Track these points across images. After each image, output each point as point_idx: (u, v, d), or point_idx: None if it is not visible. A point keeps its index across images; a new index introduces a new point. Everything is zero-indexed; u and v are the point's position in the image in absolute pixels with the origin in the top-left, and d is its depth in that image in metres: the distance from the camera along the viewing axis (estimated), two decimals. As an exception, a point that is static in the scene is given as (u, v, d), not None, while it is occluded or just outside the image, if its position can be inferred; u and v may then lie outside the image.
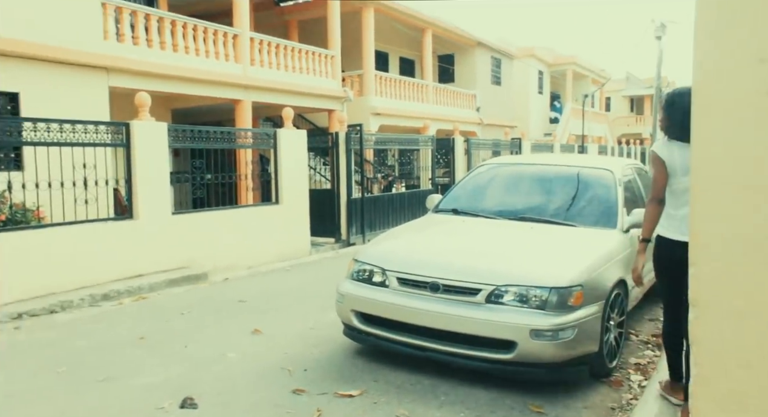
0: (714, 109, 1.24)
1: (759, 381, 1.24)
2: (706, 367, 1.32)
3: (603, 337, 3.73)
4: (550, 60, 28.54)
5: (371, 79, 15.62)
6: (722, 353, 1.28)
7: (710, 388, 1.31)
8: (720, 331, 1.27)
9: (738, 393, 1.28)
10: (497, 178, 5.39)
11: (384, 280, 4.03)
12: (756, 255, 1.20)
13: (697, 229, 1.27)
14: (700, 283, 1.27)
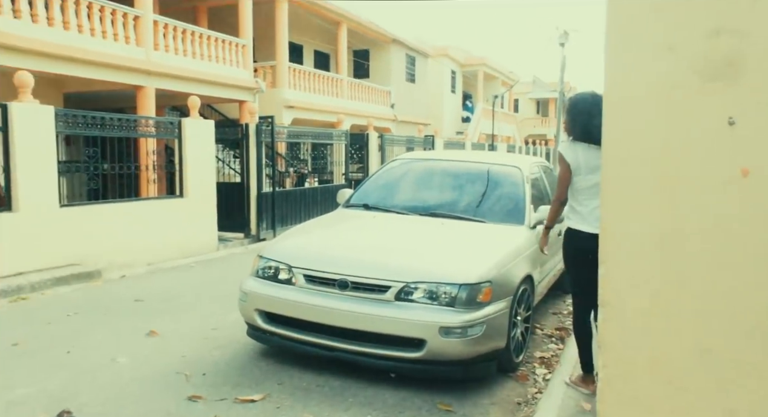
0: (624, 106, 1.17)
1: (665, 384, 1.19)
2: (612, 369, 1.26)
3: (510, 333, 3.76)
4: (462, 60, 29.23)
5: (285, 71, 15.22)
6: (629, 355, 1.22)
7: (616, 390, 1.26)
8: (628, 333, 1.21)
9: (644, 396, 1.22)
10: (409, 174, 5.33)
11: (290, 277, 3.85)
12: (665, 255, 1.14)
13: (607, 228, 1.21)
14: (610, 283, 1.20)
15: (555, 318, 5.29)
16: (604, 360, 1.27)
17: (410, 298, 3.53)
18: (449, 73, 28.22)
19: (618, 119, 1.17)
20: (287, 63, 15.35)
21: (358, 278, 3.63)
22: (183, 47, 11.60)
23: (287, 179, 12.77)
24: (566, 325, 5.04)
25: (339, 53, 18.55)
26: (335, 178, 12.74)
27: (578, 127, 3.32)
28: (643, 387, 1.22)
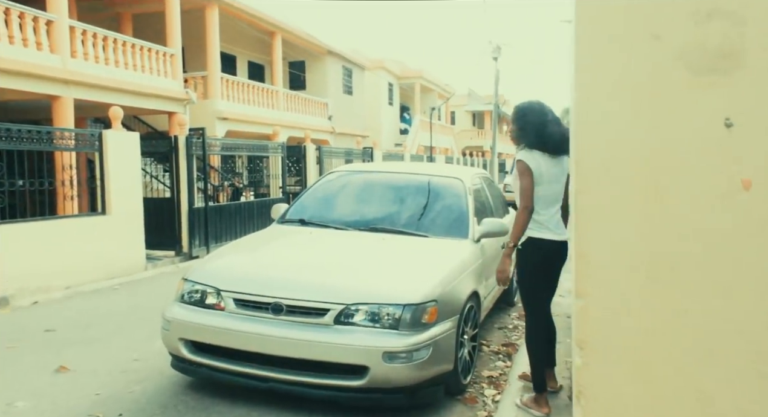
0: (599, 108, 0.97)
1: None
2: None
3: (458, 354, 3.56)
4: (398, 73, 29.41)
5: (217, 82, 14.69)
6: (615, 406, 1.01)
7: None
8: (612, 380, 1.00)
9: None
10: (348, 187, 5.08)
11: (219, 301, 3.50)
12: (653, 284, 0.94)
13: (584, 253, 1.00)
14: (588, 321, 0.99)
15: (501, 333, 5.15)
16: (585, 411, 1.06)
17: (351, 321, 3.27)
18: (386, 85, 28.30)
19: (592, 124, 0.97)
20: (219, 73, 14.83)
21: (293, 301, 3.33)
22: (105, 55, 10.93)
23: (221, 193, 12.24)
24: (512, 340, 4.91)
25: (274, 64, 18.16)
26: (272, 192, 12.33)
27: (531, 135, 3.27)
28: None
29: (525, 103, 3.40)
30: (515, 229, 3.27)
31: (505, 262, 3.34)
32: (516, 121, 3.35)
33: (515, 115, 3.37)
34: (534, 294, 3.39)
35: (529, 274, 3.36)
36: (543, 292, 3.40)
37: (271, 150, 11.89)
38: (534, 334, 3.40)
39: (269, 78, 19.42)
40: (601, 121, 0.95)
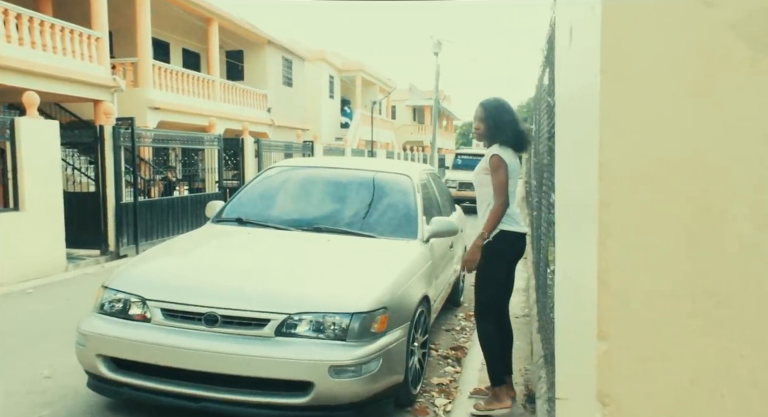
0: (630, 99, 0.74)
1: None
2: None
3: (408, 363, 3.34)
4: (340, 65, 29.01)
5: (148, 69, 13.86)
6: None
7: None
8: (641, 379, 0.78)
9: None
10: (289, 183, 4.76)
11: (144, 312, 3.13)
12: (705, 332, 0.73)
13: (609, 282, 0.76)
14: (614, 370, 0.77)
15: (449, 335, 4.99)
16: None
17: (293, 332, 2.98)
18: (327, 77, 27.85)
19: (621, 120, 0.74)
20: (151, 60, 14.01)
21: (229, 311, 3.01)
22: (19, 35, 10.02)
23: (153, 188, 11.56)
24: (461, 343, 4.75)
25: (210, 53, 17.39)
26: (208, 186, 11.75)
27: (509, 133, 3.27)
28: None
29: (496, 101, 3.37)
30: (491, 222, 3.20)
31: (475, 252, 3.23)
32: (488, 118, 3.29)
33: (487, 112, 3.31)
34: (498, 291, 3.34)
35: (499, 268, 3.29)
36: (504, 291, 3.39)
37: (207, 142, 11.33)
38: (493, 338, 3.32)
39: (205, 67, 18.60)
40: (634, 116, 0.73)
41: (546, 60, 4.12)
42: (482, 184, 3.31)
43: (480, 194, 3.35)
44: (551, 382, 3.02)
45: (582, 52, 0.91)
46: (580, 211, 0.90)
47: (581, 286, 0.88)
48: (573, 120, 1.00)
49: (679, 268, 0.74)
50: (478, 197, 3.39)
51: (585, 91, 0.86)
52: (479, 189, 3.35)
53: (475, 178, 3.37)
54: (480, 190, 3.35)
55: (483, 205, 3.33)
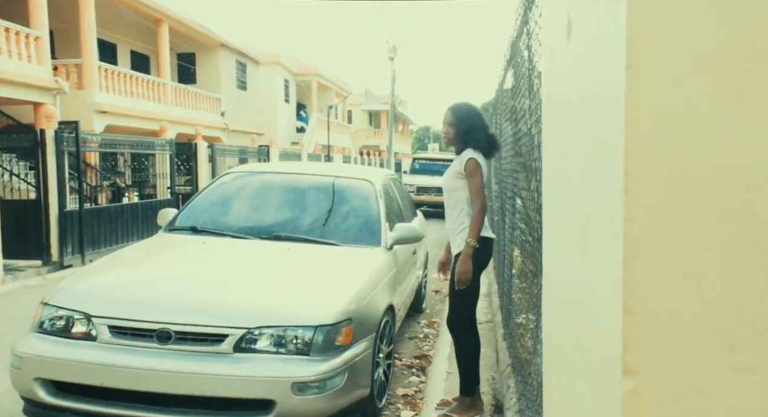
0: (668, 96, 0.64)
1: None
2: None
3: (374, 376, 3.21)
4: (295, 69, 28.69)
5: (94, 71, 13.29)
6: None
7: None
8: None
9: None
10: (246, 189, 4.57)
11: (89, 330, 2.89)
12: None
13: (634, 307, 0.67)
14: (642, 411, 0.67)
15: (412, 343, 4.89)
16: None
17: (253, 347, 2.81)
18: (282, 81, 27.49)
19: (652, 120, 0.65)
20: (97, 62, 13.45)
21: (184, 327, 2.82)
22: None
23: (100, 194, 11.06)
24: (425, 351, 4.65)
25: (161, 55, 16.85)
26: (160, 192, 11.32)
27: (482, 138, 3.24)
28: None
29: (465, 106, 3.32)
30: (476, 229, 3.12)
31: (468, 263, 3.12)
32: (458, 123, 3.23)
33: (456, 117, 3.25)
34: (475, 299, 3.29)
35: (477, 276, 3.22)
36: (476, 289, 3.33)
37: (158, 147, 10.92)
38: (474, 348, 3.30)
39: (155, 70, 18.01)
40: (667, 116, 0.63)
41: (508, 63, 4.09)
42: (455, 189, 3.24)
43: (451, 199, 3.28)
44: (521, 392, 2.95)
45: (588, 47, 0.81)
46: (594, 226, 0.80)
47: (597, 313, 0.78)
48: (576, 123, 0.90)
49: (718, 293, 0.64)
50: (448, 201, 3.31)
51: (597, 90, 0.76)
52: (451, 193, 3.28)
53: (447, 182, 3.30)
54: (451, 195, 3.27)
55: (455, 210, 3.25)
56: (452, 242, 3.33)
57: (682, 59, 0.63)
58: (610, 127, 0.70)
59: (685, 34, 0.63)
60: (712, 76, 0.63)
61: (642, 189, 0.65)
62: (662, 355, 0.66)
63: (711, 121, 0.63)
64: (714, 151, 0.63)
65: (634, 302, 0.66)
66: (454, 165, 3.26)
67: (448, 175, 3.29)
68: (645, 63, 0.63)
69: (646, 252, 0.66)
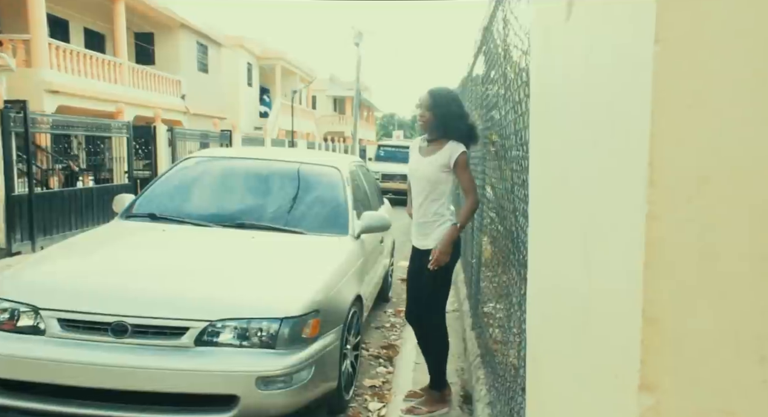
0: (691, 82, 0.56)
1: None
2: None
3: (341, 368, 3.13)
4: (259, 52, 28.07)
5: (43, 47, 12.65)
6: None
7: None
8: None
9: None
10: (208, 175, 4.40)
11: (37, 323, 2.72)
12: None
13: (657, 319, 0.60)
14: None
15: (379, 333, 4.82)
16: None
17: (216, 341, 2.69)
18: (245, 65, 26.87)
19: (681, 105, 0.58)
20: (47, 38, 12.81)
21: (141, 319, 2.68)
22: None
23: (52, 178, 10.58)
24: (392, 341, 4.60)
25: (117, 34, 16.20)
26: (116, 177, 10.91)
27: (462, 128, 3.07)
28: None
29: (447, 90, 3.17)
30: (467, 217, 3.11)
31: (450, 246, 3.01)
32: (436, 107, 3.03)
33: (436, 101, 3.04)
34: (448, 283, 3.21)
35: (450, 266, 3.13)
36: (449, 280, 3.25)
37: (115, 130, 10.51)
38: (447, 342, 3.26)
39: (111, 49, 17.31)
40: (702, 99, 0.55)
41: (479, 49, 4.02)
42: (439, 182, 3.03)
43: (434, 191, 3.06)
44: (490, 384, 2.92)
45: (598, 23, 0.73)
46: (601, 225, 0.72)
47: (607, 321, 0.70)
48: (578, 108, 0.82)
49: (748, 300, 0.57)
50: (429, 194, 3.07)
51: (611, 72, 0.68)
52: (434, 186, 3.04)
53: (432, 175, 3.03)
54: (435, 187, 3.05)
55: (435, 203, 3.07)
56: (427, 236, 3.09)
57: (722, 33, 0.55)
58: (629, 111, 0.62)
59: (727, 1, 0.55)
60: (756, 53, 0.55)
61: (670, 183, 0.57)
62: (686, 369, 0.59)
63: (754, 106, 0.55)
64: (755, 141, 0.56)
65: (656, 310, 0.59)
66: (440, 158, 3.02)
67: (431, 167, 3.03)
68: (678, 37, 0.55)
69: (671, 253, 0.58)
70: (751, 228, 0.57)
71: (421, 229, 3.13)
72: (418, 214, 3.14)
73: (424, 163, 3.08)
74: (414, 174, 3.15)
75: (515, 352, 2.13)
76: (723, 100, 0.56)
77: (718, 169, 0.57)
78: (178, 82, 19.33)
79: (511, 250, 2.31)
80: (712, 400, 0.59)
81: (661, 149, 0.57)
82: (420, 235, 3.14)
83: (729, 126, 0.56)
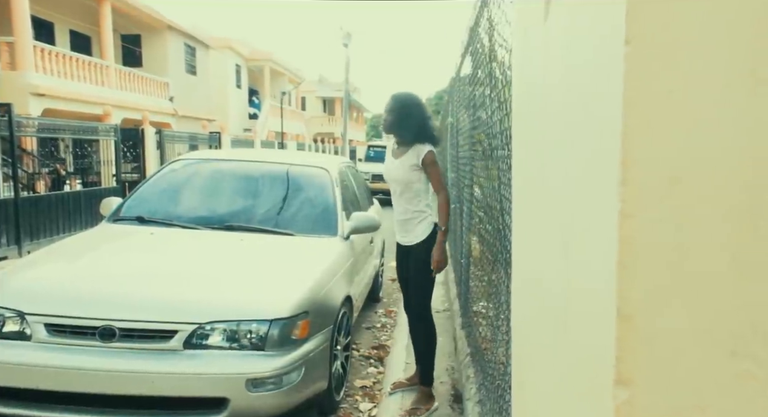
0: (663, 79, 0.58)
1: None
2: None
3: (331, 369, 3.13)
4: (247, 54, 27.98)
5: (28, 50, 12.53)
6: None
7: None
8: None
9: None
10: (196, 177, 4.38)
11: (23, 328, 2.69)
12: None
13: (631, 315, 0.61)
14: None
15: (369, 334, 4.83)
16: None
17: (205, 343, 2.68)
18: (234, 66, 26.78)
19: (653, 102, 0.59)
20: (32, 40, 12.70)
21: (129, 323, 2.66)
22: None
23: (39, 182, 10.50)
24: (383, 341, 4.60)
25: (103, 36, 16.09)
26: (104, 180, 10.83)
27: (429, 129, 3.17)
28: None
29: (408, 95, 3.24)
30: (446, 216, 3.15)
31: (443, 250, 3.13)
32: (396, 111, 3.15)
33: (397, 105, 3.17)
34: (432, 281, 3.24)
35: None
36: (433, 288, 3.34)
37: (102, 133, 10.43)
38: (435, 338, 3.32)
39: (97, 52, 17.18)
40: (672, 98, 0.56)
41: (466, 49, 4.04)
42: (411, 181, 3.15)
43: (408, 191, 3.18)
44: (480, 382, 2.93)
45: (574, 23, 0.74)
46: (580, 223, 0.73)
47: (585, 317, 0.71)
48: (555, 107, 0.83)
49: (720, 296, 0.59)
50: (403, 194, 3.19)
51: (586, 71, 0.69)
52: (407, 186, 3.16)
53: (403, 175, 3.15)
54: (408, 187, 3.17)
55: (414, 201, 3.18)
56: (410, 232, 3.21)
57: (692, 34, 0.56)
58: (603, 111, 0.63)
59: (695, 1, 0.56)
60: (725, 52, 0.56)
61: (642, 181, 0.58)
62: (659, 364, 0.60)
63: (725, 105, 0.56)
64: (723, 142, 0.57)
65: (630, 306, 0.60)
66: (408, 158, 3.14)
67: (402, 169, 3.15)
68: (648, 37, 0.56)
69: (644, 251, 0.59)
70: (721, 226, 0.58)
71: (403, 226, 3.25)
72: (398, 212, 3.26)
73: (396, 164, 3.20)
74: (389, 175, 3.26)
75: (503, 350, 2.14)
76: (693, 100, 0.57)
77: (689, 169, 0.58)
78: (166, 84, 19.23)
79: (498, 249, 2.33)
80: (684, 394, 0.60)
81: (632, 149, 0.58)
82: (402, 232, 3.27)
83: (699, 126, 0.57)
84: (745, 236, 0.57)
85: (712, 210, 0.57)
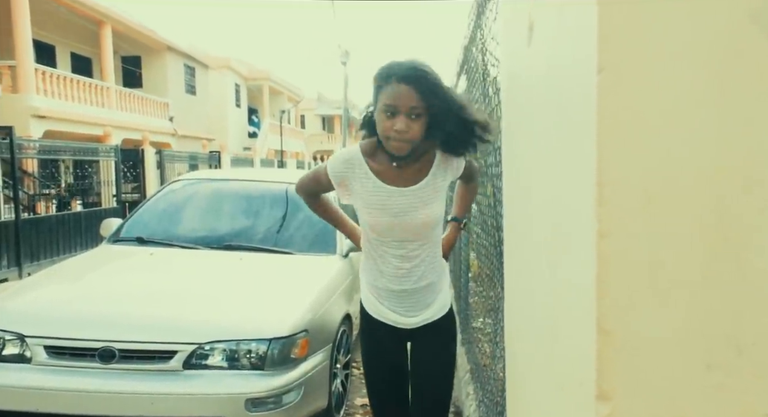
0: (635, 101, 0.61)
1: None
2: None
3: (331, 388, 3.13)
4: (245, 73, 28.23)
5: (29, 73, 12.66)
6: None
7: None
8: None
9: None
10: (196, 197, 4.41)
11: (23, 351, 2.70)
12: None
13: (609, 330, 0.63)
14: None
15: (370, 351, 4.80)
16: None
17: (205, 363, 2.69)
18: (233, 86, 27.00)
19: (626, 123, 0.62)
20: (33, 64, 12.83)
21: (128, 344, 2.67)
22: None
23: (39, 203, 10.54)
24: (383, 358, 4.58)
25: (104, 58, 16.26)
26: (104, 201, 10.87)
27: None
28: None
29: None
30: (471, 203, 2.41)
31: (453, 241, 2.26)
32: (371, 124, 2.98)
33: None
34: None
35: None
36: None
37: (102, 154, 10.51)
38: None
39: (98, 73, 17.35)
40: (643, 123, 0.59)
41: (461, 68, 4.10)
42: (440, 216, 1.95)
43: (427, 238, 1.93)
44: (479, 399, 2.93)
45: (553, 50, 0.77)
46: (563, 241, 0.76)
47: (569, 333, 0.73)
48: (539, 129, 0.86)
49: (695, 310, 0.61)
50: (423, 245, 1.92)
51: (565, 95, 0.72)
52: (436, 225, 1.95)
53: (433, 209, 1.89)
54: (433, 230, 1.95)
55: (436, 255, 2.00)
56: (429, 306, 1.98)
57: (661, 61, 0.60)
58: (580, 134, 0.66)
59: (661, 33, 0.59)
60: (689, 79, 0.59)
61: (617, 201, 0.61)
62: (638, 378, 0.62)
63: (693, 126, 0.59)
64: (694, 159, 0.60)
65: (609, 323, 0.62)
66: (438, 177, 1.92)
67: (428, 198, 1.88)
68: (619, 66, 0.60)
69: (622, 268, 0.62)
70: (693, 242, 0.60)
71: (412, 297, 1.95)
72: (403, 278, 1.93)
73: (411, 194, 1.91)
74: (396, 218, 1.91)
75: (502, 366, 2.15)
76: (663, 123, 0.60)
77: (661, 187, 0.60)
78: (166, 104, 19.38)
79: (495, 266, 2.35)
80: (663, 407, 0.62)
81: (607, 170, 0.61)
82: (410, 305, 1.96)
83: (669, 147, 0.60)
84: (716, 248, 0.60)
85: (684, 225, 0.60)
